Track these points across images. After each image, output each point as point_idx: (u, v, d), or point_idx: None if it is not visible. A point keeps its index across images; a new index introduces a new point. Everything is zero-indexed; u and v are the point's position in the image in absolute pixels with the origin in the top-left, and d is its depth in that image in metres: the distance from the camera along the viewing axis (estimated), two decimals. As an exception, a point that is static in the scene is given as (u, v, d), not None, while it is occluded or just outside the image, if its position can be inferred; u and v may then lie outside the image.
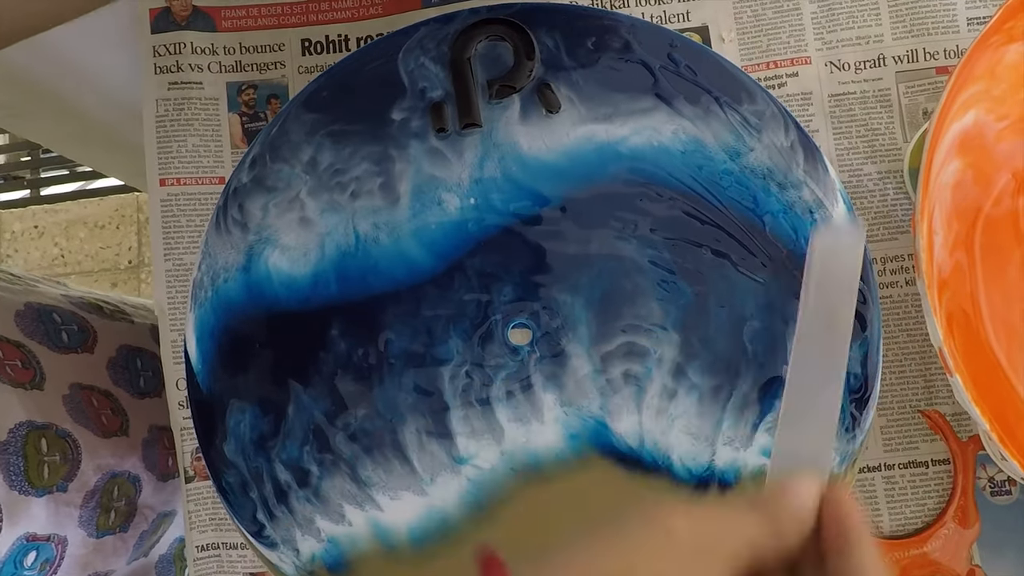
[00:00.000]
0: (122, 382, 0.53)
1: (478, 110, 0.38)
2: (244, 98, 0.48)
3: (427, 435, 0.36)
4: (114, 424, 0.51)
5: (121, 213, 1.41)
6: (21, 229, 1.43)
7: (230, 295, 0.38)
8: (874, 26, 0.46)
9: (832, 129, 0.46)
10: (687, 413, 0.35)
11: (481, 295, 0.37)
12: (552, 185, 0.37)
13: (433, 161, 0.38)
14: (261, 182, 0.39)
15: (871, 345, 0.36)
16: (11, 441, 0.44)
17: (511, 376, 0.36)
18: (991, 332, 0.37)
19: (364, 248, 0.37)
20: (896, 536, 0.43)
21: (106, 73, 0.61)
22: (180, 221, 0.47)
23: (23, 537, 0.44)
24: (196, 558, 0.45)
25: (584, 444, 0.35)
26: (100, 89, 0.63)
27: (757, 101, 0.38)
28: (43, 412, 0.46)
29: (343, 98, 0.39)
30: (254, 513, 0.36)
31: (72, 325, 0.52)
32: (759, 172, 0.37)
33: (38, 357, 0.48)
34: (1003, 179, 0.38)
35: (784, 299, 0.36)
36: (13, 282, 0.53)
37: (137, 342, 0.56)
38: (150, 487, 0.53)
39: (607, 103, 0.38)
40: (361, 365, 0.37)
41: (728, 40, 0.47)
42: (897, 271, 0.44)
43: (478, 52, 0.39)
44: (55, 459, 0.46)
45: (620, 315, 0.36)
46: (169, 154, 0.47)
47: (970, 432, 0.43)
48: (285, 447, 0.36)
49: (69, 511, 0.47)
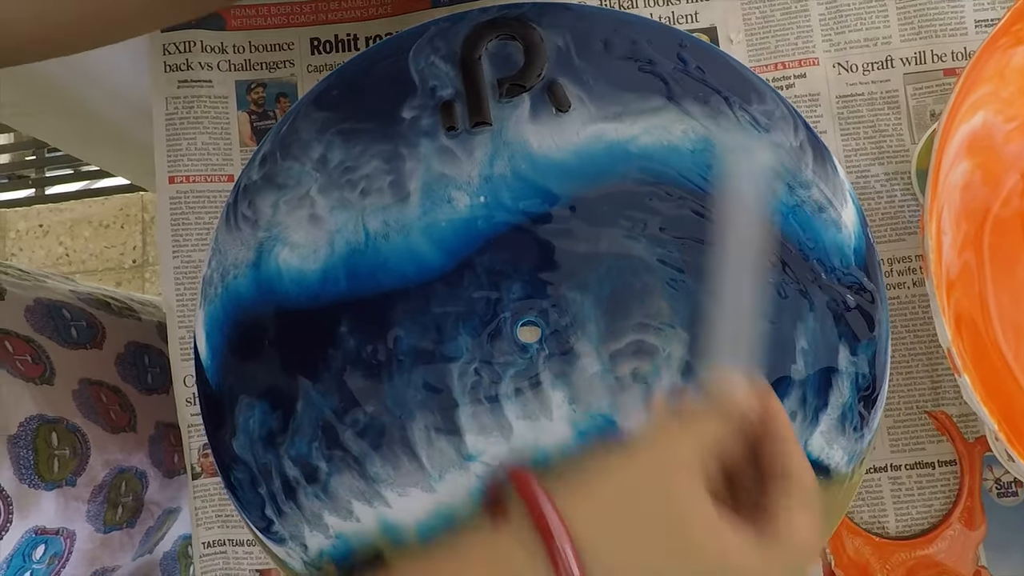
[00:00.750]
0: (130, 378, 0.54)
1: (488, 109, 0.38)
2: (253, 96, 0.48)
3: (436, 432, 0.36)
4: (122, 420, 0.51)
5: (126, 212, 1.41)
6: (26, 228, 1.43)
7: (240, 291, 0.38)
8: (882, 28, 0.46)
9: (840, 130, 0.46)
10: (695, 411, 0.35)
11: (490, 292, 0.37)
12: (562, 183, 0.38)
13: (443, 159, 0.38)
14: (271, 179, 0.39)
15: (879, 345, 0.36)
16: (21, 434, 0.44)
17: (520, 373, 0.36)
18: (999, 333, 0.37)
19: (374, 245, 0.38)
20: (902, 537, 0.43)
21: (113, 70, 0.61)
22: (189, 218, 0.47)
23: (32, 530, 0.44)
24: (202, 554, 0.45)
25: (592, 442, 0.35)
26: (107, 86, 0.63)
27: (767, 101, 0.38)
28: (54, 406, 0.46)
29: (353, 96, 0.39)
30: (263, 509, 0.36)
31: (81, 321, 0.52)
32: (768, 172, 0.37)
33: (48, 352, 0.48)
34: (1012, 180, 0.38)
35: (793, 298, 0.36)
36: (23, 278, 0.53)
37: (144, 339, 0.57)
38: (156, 483, 0.53)
39: (617, 102, 0.38)
40: (370, 362, 0.37)
41: (736, 41, 0.47)
42: (905, 272, 0.44)
43: (488, 51, 0.39)
44: (65, 453, 0.46)
45: (629, 313, 0.36)
46: (178, 151, 0.47)
47: (977, 433, 0.43)
48: (294, 443, 0.36)
49: (77, 505, 0.47)
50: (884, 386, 0.36)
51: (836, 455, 0.35)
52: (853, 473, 0.36)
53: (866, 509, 0.43)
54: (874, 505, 0.43)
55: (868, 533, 0.42)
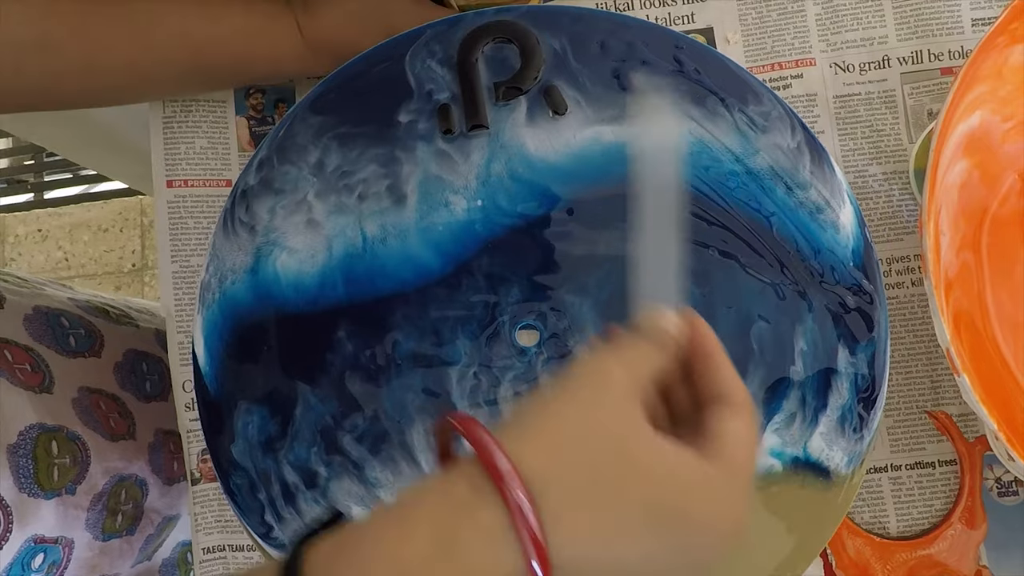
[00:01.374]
0: (128, 386, 0.53)
1: (485, 112, 0.38)
2: (252, 102, 0.48)
3: (435, 436, 0.36)
4: (121, 427, 0.51)
5: (124, 216, 1.41)
6: (25, 233, 1.43)
7: (238, 297, 0.38)
8: (878, 28, 0.46)
9: (837, 130, 0.46)
10: (695, 414, 0.35)
11: (488, 296, 0.37)
12: (559, 186, 0.38)
13: (440, 163, 0.38)
14: (268, 184, 0.39)
15: (878, 346, 0.36)
16: (21, 443, 0.44)
17: (519, 377, 0.36)
18: (998, 332, 0.37)
19: (371, 250, 0.38)
20: (903, 537, 0.42)
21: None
22: (187, 223, 0.47)
23: (31, 539, 0.44)
24: (202, 560, 0.45)
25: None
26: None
27: (763, 102, 0.38)
28: (53, 415, 0.46)
29: (350, 100, 0.39)
30: (262, 514, 0.36)
31: (79, 329, 0.52)
32: (766, 173, 0.37)
33: (47, 361, 0.48)
34: (1009, 179, 0.38)
35: (792, 299, 0.36)
36: (21, 285, 0.53)
37: (143, 346, 0.57)
38: (156, 491, 0.53)
39: (613, 105, 0.38)
40: (369, 366, 0.37)
41: (733, 42, 0.47)
42: (903, 272, 0.44)
43: (484, 54, 0.39)
44: (65, 462, 0.46)
45: (627, 316, 0.36)
46: (176, 156, 0.47)
47: (977, 433, 0.43)
48: (293, 448, 0.36)
49: (76, 513, 0.47)
50: (883, 387, 0.36)
51: (836, 456, 0.35)
52: (853, 474, 0.36)
53: (867, 509, 0.43)
54: (875, 505, 0.43)
55: (869, 533, 0.42)
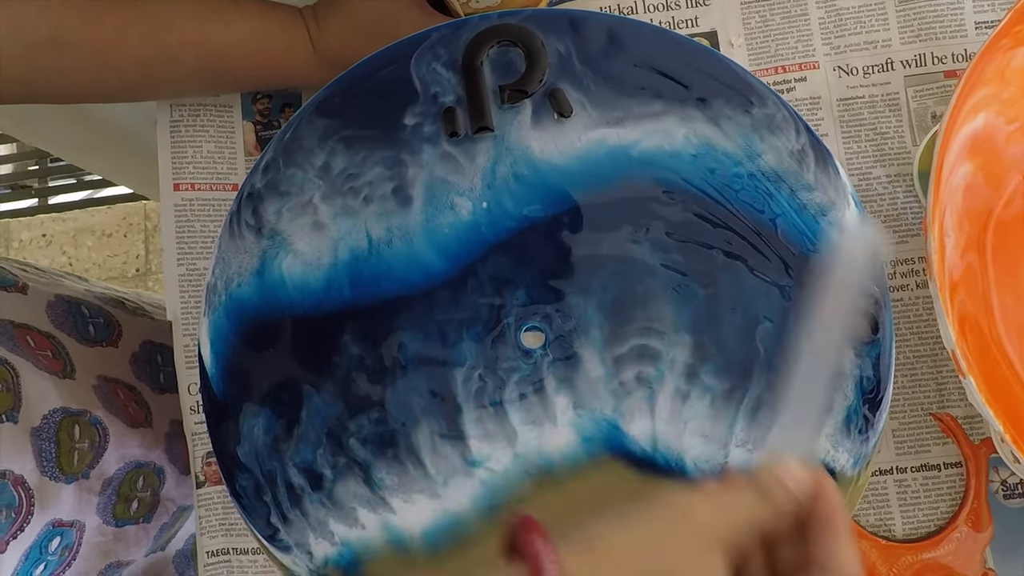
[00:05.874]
0: (144, 376, 0.54)
1: (490, 114, 0.38)
2: (259, 107, 0.48)
3: (440, 438, 0.36)
4: (139, 416, 0.51)
5: (129, 221, 1.42)
6: (29, 238, 1.43)
7: (244, 299, 0.38)
8: (882, 31, 0.46)
9: (841, 133, 0.46)
10: (700, 415, 0.35)
11: (494, 298, 0.37)
12: (564, 189, 0.38)
13: (445, 165, 0.38)
14: (274, 187, 0.39)
15: (884, 348, 0.36)
16: (44, 427, 0.44)
17: (524, 379, 0.36)
18: (1004, 334, 0.37)
19: (377, 252, 0.38)
20: (909, 540, 0.42)
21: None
22: (194, 226, 0.47)
23: (51, 523, 0.44)
24: (206, 563, 0.45)
25: (597, 446, 0.35)
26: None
27: (768, 105, 0.38)
28: (77, 400, 0.47)
29: (355, 103, 0.39)
30: (268, 517, 0.36)
31: (99, 318, 0.53)
32: (770, 175, 0.37)
33: (67, 348, 0.48)
34: (1014, 181, 0.38)
35: (796, 300, 0.36)
36: (41, 276, 0.53)
37: (159, 338, 0.57)
38: (172, 480, 0.53)
39: (618, 107, 0.38)
40: (374, 368, 0.37)
41: (737, 45, 0.47)
42: (908, 274, 0.44)
43: (490, 57, 0.39)
44: (84, 446, 0.46)
45: (632, 318, 0.36)
46: (184, 159, 0.47)
47: (982, 435, 0.43)
48: (299, 451, 0.36)
49: (90, 498, 0.47)
50: (889, 389, 0.36)
51: (841, 458, 0.35)
52: (859, 476, 0.36)
53: (872, 512, 0.43)
54: (880, 508, 0.43)
55: (874, 536, 0.42)
